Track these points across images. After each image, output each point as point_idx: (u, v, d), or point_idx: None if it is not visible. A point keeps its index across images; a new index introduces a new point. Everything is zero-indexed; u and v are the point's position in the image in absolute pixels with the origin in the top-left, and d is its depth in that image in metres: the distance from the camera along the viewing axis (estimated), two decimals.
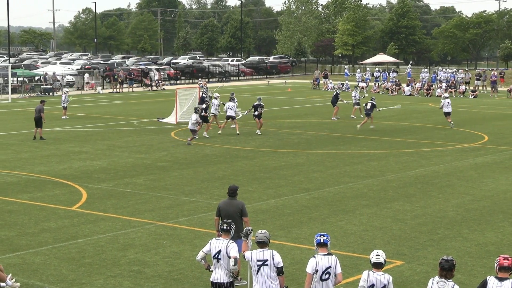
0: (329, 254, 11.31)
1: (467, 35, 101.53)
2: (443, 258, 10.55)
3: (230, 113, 36.67)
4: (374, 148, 32.76)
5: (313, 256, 11.30)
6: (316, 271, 11.17)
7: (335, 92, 45.77)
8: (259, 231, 11.71)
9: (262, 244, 11.55)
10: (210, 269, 12.37)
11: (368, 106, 38.84)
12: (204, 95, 43.65)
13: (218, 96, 38.71)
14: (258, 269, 11.42)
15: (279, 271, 11.44)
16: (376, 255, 11.02)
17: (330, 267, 11.20)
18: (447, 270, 10.46)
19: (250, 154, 30.80)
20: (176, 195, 22.78)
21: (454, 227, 19.26)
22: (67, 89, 47.16)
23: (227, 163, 28.70)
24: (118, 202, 21.80)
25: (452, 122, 40.07)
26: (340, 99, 44.49)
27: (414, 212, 20.83)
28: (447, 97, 41.65)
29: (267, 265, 11.39)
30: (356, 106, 44.44)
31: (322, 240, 11.32)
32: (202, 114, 34.68)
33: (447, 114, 40.25)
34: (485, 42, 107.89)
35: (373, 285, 10.90)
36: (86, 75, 71.08)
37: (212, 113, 37.35)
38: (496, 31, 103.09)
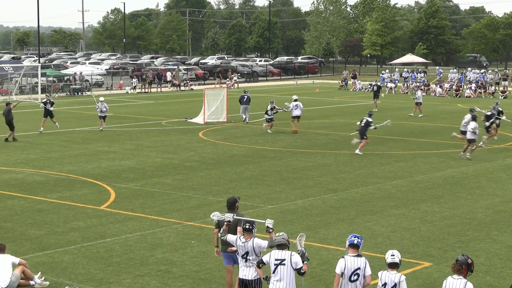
0: (358, 255, 11.28)
1: (497, 36, 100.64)
2: (460, 255, 10.88)
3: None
4: (402, 149, 32.59)
5: (343, 257, 11.30)
6: (343, 272, 11.16)
7: (377, 85, 52.77)
8: (277, 234, 11.69)
9: (282, 246, 11.53)
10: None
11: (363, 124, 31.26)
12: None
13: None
14: (275, 269, 11.41)
15: (298, 273, 11.39)
16: (391, 255, 11.14)
17: (359, 268, 11.18)
18: (460, 265, 10.70)
19: (277, 155, 30.78)
20: (203, 195, 22.82)
21: (483, 228, 19.10)
22: (102, 98, 39.84)
23: (254, 163, 28.71)
24: (146, 202, 21.89)
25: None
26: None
27: (443, 214, 20.69)
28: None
29: (284, 264, 11.36)
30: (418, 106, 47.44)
31: (355, 242, 11.31)
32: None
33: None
34: None
35: (385, 283, 11.04)
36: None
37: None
38: None
